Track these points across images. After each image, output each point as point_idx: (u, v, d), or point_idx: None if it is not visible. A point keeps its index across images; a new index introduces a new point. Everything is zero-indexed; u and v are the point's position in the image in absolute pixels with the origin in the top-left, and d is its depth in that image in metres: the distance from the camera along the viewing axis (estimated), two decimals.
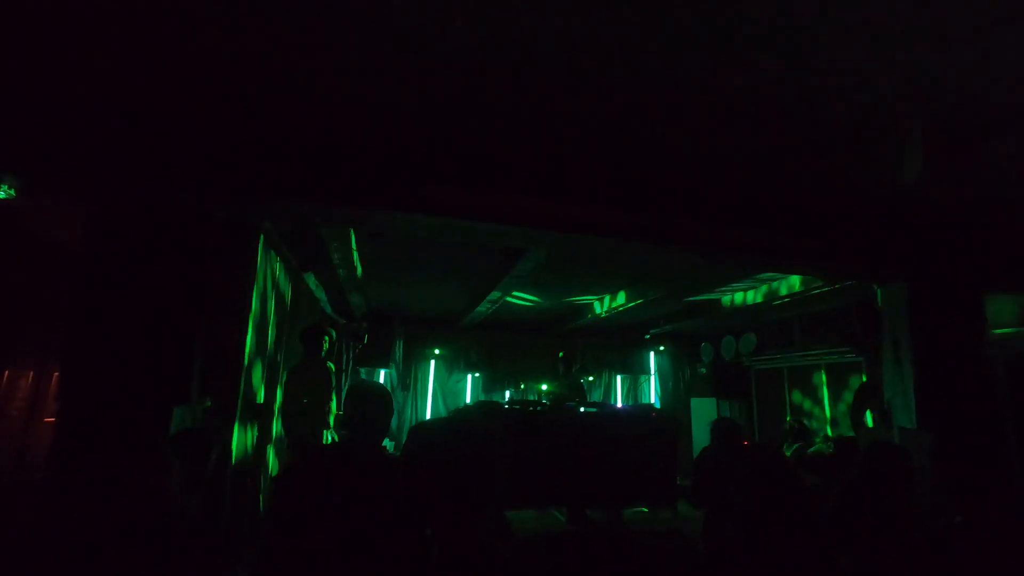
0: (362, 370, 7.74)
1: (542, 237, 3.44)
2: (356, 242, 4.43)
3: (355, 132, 2.93)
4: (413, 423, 8.47)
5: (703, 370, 8.78)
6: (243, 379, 3.53)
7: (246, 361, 3.57)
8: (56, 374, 5.67)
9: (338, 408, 4.70)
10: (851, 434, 5.68)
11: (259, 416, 4.04)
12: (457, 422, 2.03)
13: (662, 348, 9.18)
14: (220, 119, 2.82)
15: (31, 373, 5.64)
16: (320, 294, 6.28)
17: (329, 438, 4.57)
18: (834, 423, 6.47)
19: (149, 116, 2.77)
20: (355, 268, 4.98)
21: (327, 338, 4.79)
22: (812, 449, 5.18)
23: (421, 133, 2.92)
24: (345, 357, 7.15)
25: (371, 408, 2.00)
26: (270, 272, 4.17)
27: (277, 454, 4.76)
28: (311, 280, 5.71)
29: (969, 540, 3.39)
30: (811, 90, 2.37)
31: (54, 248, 4.40)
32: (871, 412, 4.88)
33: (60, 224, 3.89)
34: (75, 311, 2.84)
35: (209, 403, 3.17)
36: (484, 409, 6.05)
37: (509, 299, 6.39)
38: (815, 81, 2.30)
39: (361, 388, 2.16)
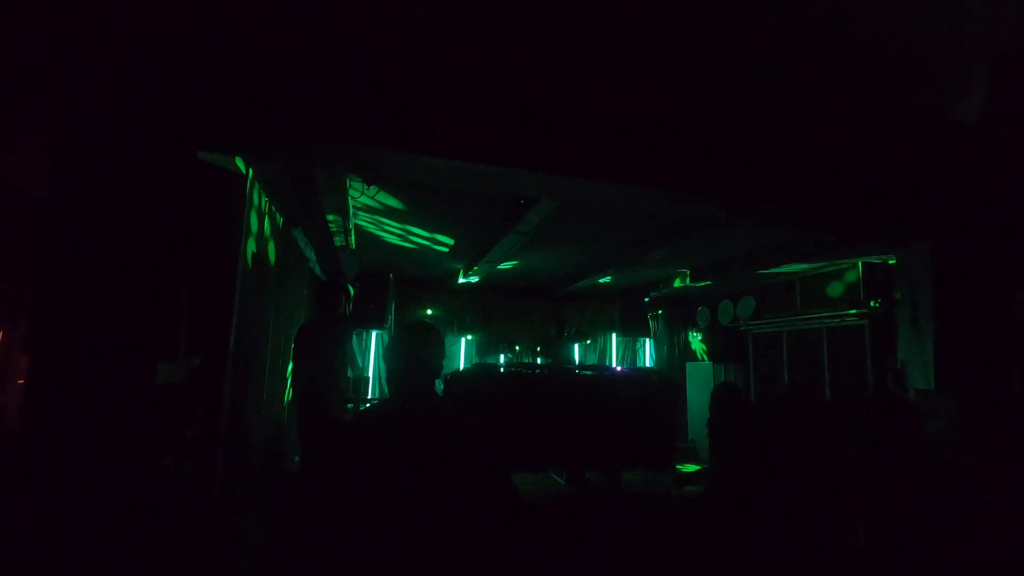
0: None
1: (558, 184, 3.18)
2: (352, 192, 4.13)
3: (357, 60, 2.61)
4: None
5: (699, 334, 8.71)
6: (233, 334, 3.28)
7: (235, 315, 3.30)
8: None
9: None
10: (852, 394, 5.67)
11: (249, 373, 3.81)
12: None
13: (659, 311, 9.08)
14: (204, 41, 2.47)
15: (0, 332, 5.30)
16: (309, 253, 5.97)
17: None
18: (834, 385, 6.43)
19: (121, 33, 2.42)
20: (349, 222, 4.68)
21: (344, 297, 4.57)
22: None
23: (430, 64, 2.61)
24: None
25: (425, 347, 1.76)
26: (258, 224, 3.88)
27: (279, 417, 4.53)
28: (300, 237, 5.40)
29: (987, 505, 3.33)
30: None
31: (19, 194, 4.03)
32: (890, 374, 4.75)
33: (24, 166, 3.52)
34: (44, 260, 2.54)
35: (198, 360, 2.93)
36: (481, 372, 5.89)
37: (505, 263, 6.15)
38: None
39: (411, 325, 1.93)
